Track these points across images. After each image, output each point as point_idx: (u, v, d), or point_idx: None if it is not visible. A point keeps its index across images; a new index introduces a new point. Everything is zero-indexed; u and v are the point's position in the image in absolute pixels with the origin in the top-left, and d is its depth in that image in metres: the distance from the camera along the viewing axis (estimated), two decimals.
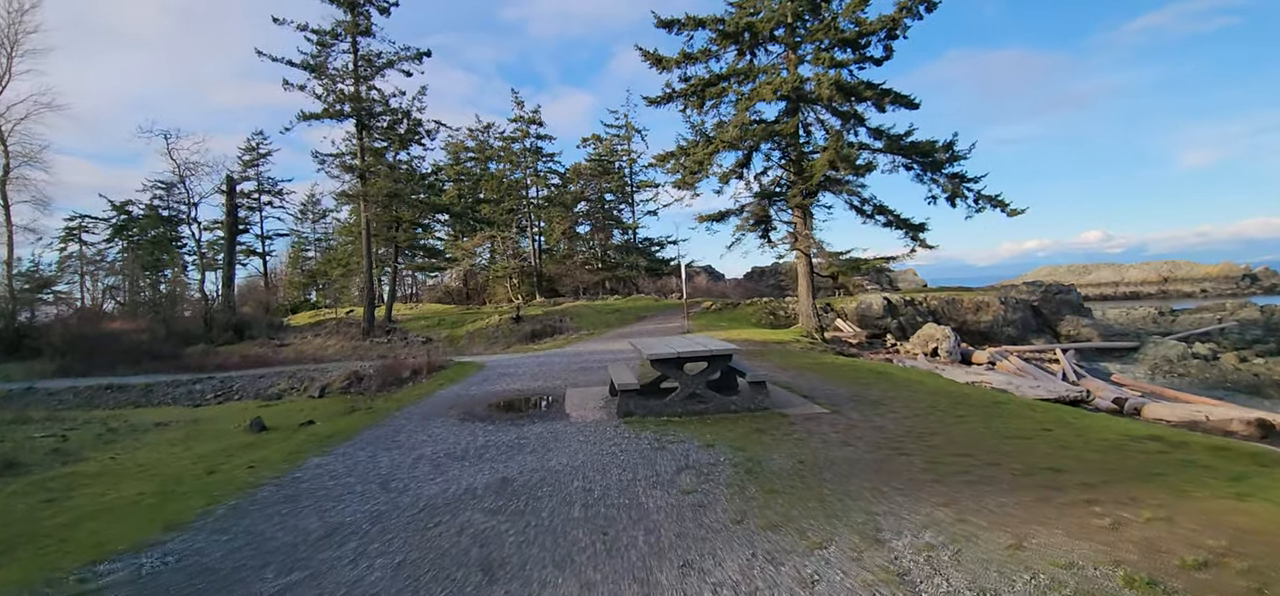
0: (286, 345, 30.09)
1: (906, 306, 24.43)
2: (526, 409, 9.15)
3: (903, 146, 20.52)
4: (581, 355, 16.28)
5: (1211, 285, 54.58)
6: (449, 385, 12.10)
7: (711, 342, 8.57)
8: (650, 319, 26.75)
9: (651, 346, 8.59)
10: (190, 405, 16.97)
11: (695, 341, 8.91)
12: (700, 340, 9.24)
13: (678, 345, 8.45)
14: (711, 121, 21.55)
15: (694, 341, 8.90)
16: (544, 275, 41.19)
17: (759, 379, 7.89)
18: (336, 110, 28.94)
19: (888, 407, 8.26)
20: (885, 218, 21.88)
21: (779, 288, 43.43)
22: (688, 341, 9.18)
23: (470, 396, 10.47)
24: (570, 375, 12.29)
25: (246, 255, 52.78)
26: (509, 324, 28.25)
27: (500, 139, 41.88)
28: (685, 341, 9.30)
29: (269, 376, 18.84)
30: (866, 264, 20.54)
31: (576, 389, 10.49)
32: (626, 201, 44.00)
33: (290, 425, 11.79)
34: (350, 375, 16.72)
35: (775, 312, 24.80)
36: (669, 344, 8.88)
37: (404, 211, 32.25)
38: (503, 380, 12.12)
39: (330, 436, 8.27)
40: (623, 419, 7.76)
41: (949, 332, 20.14)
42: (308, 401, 15.00)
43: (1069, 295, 25.20)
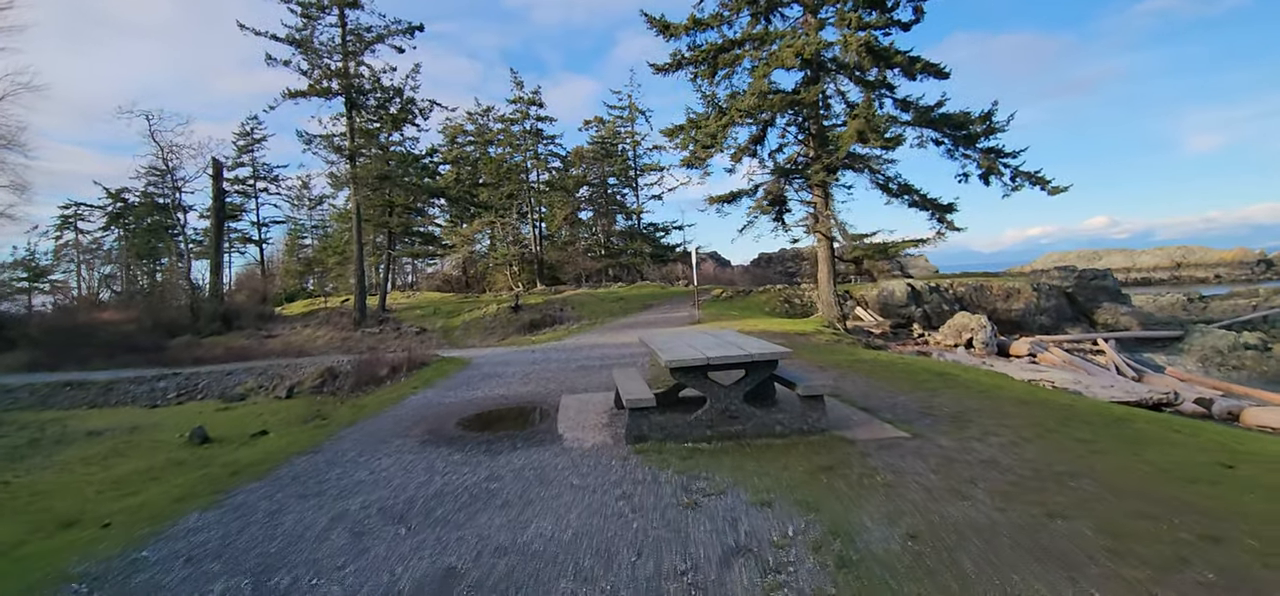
0: (274, 336, 28.08)
1: (931, 293, 22.27)
2: (509, 426, 7.04)
3: (933, 118, 18.29)
4: (582, 350, 14.17)
5: (1225, 270, 52.32)
6: (424, 388, 10.00)
7: (745, 341, 6.46)
8: (656, 307, 24.62)
9: (667, 345, 6.48)
10: (148, 405, 14.94)
11: (723, 339, 6.80)
12: (728, 337, 7.12)
13: (701, 344, 6.34)
14: (724, 93, 19.32)
15: (722, 339, 6.78)
16: (545, 262, 39.05)
17: (815, 393, 5.76)
18: (324, 88, 26.73)
19: (976, 425, 6.16)
20: (910, 197, 19.68)
21: (787, 274, 41.26)
22: (709, 338, 7.07)
23: (444, 405, 8.37)
24: (567, 376, 10.18)
25: (243, 243, 50.76)
26: (507, 313, 26.17)
27: (499, 121, 39.62)
28: (705, 337, 7.20)
29: (239, 373, 16.77)
30: (894, 247, 18.37)
31: (574, 396, 8.39)
32: (630, 186, 41.75)
33: (239, 436, 9.80)
34: (324, 372, 14.66)
35: (790, 300, 22.66)
36: (688, 341, 6.78)
37: (397, 195, 30.11)
38: (487, 383, 10.02)
39: (254, 464, 6.20)
40: (633, 446, 5.67)
41: (984, 322, 18.00)
42: (271, 404, 12.95)
43: (1105, 281, 23.02)
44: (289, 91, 26.79)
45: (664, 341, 6.88)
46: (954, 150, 19.13)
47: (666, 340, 6.98)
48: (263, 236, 48.57)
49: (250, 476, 5.52)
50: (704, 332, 8.14)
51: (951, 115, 18.31)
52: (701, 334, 7.95)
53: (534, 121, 38.83)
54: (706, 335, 7.63)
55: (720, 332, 7.73)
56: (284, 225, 48.96)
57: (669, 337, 7.36)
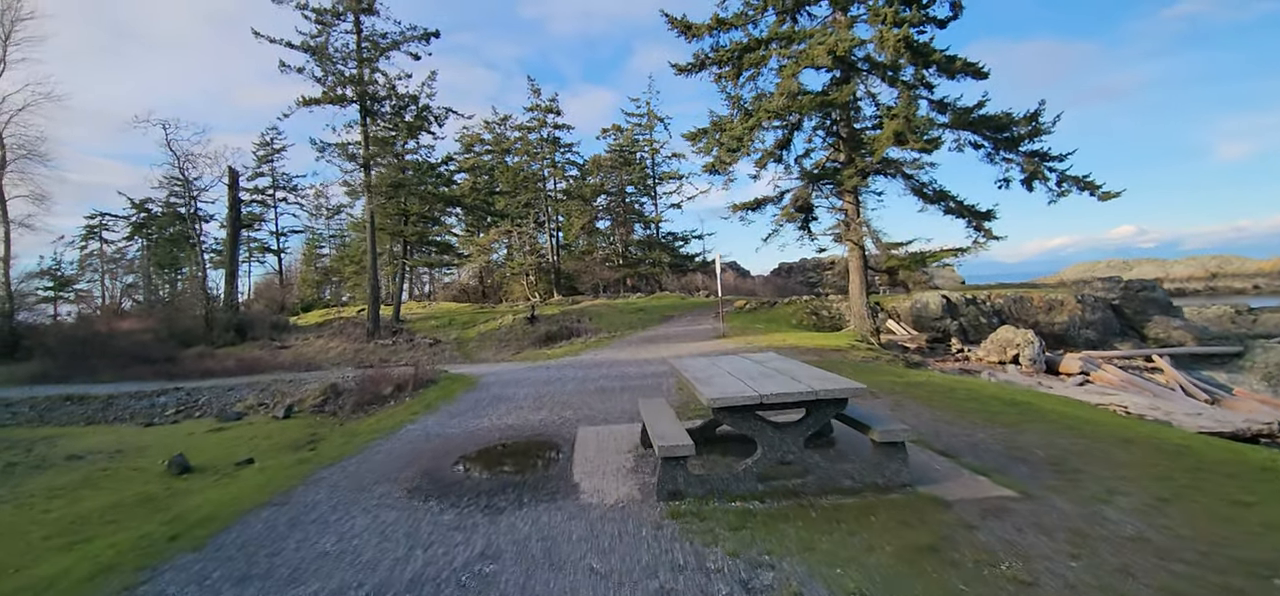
0: (287, 347, 27.24)
1: (968, 305, 20.85)
2: (515, 468, 5.88)
3: (973, 120, 16.96)
4: (600, 367, 13.00)
5: (1264, 281, 50.01)
6: (426, 413, 8.88)
7: (802, 371, 5.26)
8: (677, 319, 23.41)
9: (706, 375, 5.30)
10: (144, 422, 14.00)
11: (770, 366, 5.61)
12: (774, 362, 5.93)
13: (745, 373, 5.16)
14: (749, 95, 18.14)
15: (769, 367, 5.59)
16: (562, 272, 37.99)
17: (894, 439, 4.53)
18: (338, 95, 25.93)
19: (1089, 476, 4.90)
20: (946, 204, 18.33)
21: (809, 285, 39.81)
22: (750, 364, 5.91)
23: (444, 437, 7.23)
24: (585, 400, 9.01)
25: (262, 252, 50.35)
26: (523, 325, 25.09)
27: (516, 129, 38.69)
28: (745, 362, 6.04)
29: (242, 389, 15.81)
30: (932, 257, 17.02)
31: (592, 428, 7.21)
32: (648, 194, 40.62)
33: (222, 465, 8.78)
34: (327, 390, 13.63)
35: (818, 313, 21.34)
36: (728, 368, 5.61)
37: (412, 204, 29.24)
38: (495, 408, 8.87)
39: (209, 519, 5.10)
40: (667, 505, 4.48)
41: (1032, 337, 16.58)
42: (267, 424, 11.90)
43: (1154, 292, 21.45)
44: (304, 99, 26.02)
45: (700, 369, 5.69)
46: (994, 154, 17.78)
47: (703, 368, 5.79)
48: (281, 246, 48.14)
49: (190, 544, 4.40)
50: (741, 355, 6.94)
51: (993, 117, 16.97)
52: (738, 356, 6.75)
53: (551, 129, 37.89)
54: (743, 358, 6.44)
55: (763, 356, 6.53)
56: (302, 235, 48.48)
57: (704, 364, 6.17)
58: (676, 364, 6.21)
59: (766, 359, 6.33)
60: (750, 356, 6.69)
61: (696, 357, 6.81)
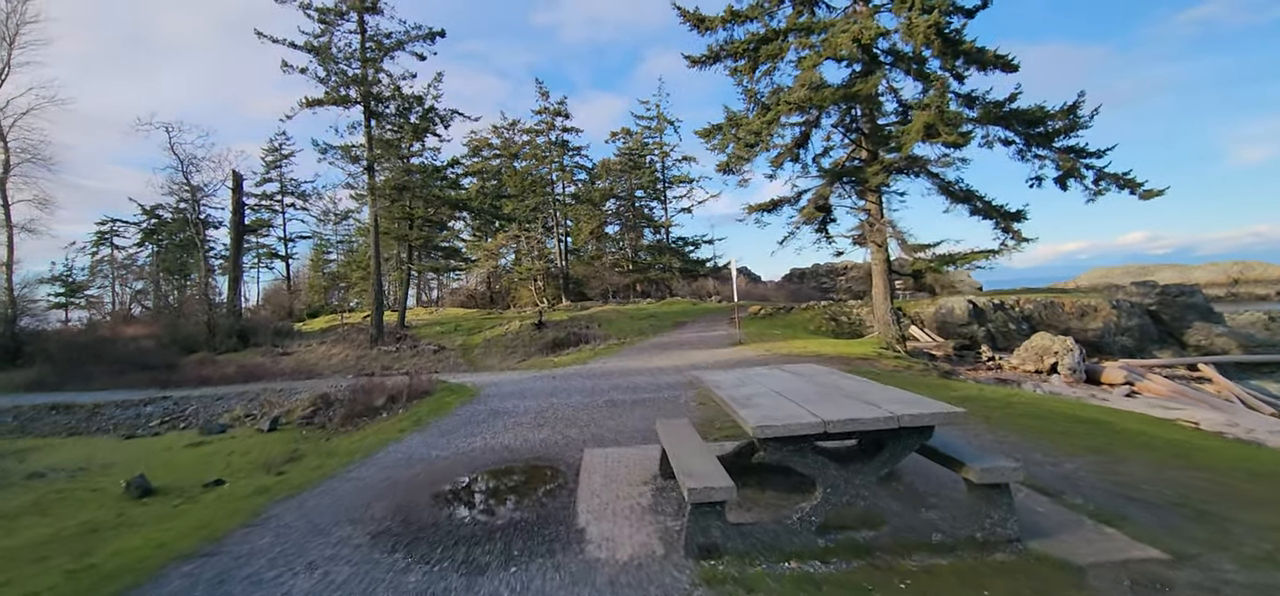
0: (289, 354, 26.31)
1: (996, 311, 19.60)
2: (507, 505, 4.79)
3: (1004, 114, 15.78)
4: (610, 377, 11.90)
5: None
6: (414, 430, 7.79)
7: (871, 390, 4.15)
8: (690, 325, 22.27)
9: (743, 394, 4.21)
10: (125, 434, 13.04)
11: (823, 383, 4.50)
12: (825, 377, 4.82)
13: (797, 393, 4.06)
14: (766, 89, 17.04)
15: (821, 383, 4.48)
16: (571, 277, 36.94)
17: (998, 479, 3.40)
18: (341, 96, 25.04)
19: (1238, 524, 3.76)
20: (972, 205, 17.12)
21: (822, 290, 38.63)
22: (793, 379, 4.82)
23: (428, 462, 6.14)
24: (592, 416, 7.90)
25: (270, 258, 49.62)
26: (530, 331, 24.03)
27: (525, 133, 37.72)
28: (787, 378, 4.94)
29: (231, 398, 14.85)
30: (961, 259, 15.82)
31: (601, 451, 6.10)
32: (658, 199, 39.49)
33: (187, 487, 7.76)
34: (318, 400, 12.61)
35: (837, 319, 20.16)
36: (771, 385, 4.51)
37: (418, 207, 28.29)
38: (492, 424, 7.78)
39: (130, 568, 4.05)
40: (698, 564, 3.37)
41: (1071, 344, 15.33)
42: (250, 438, 10.87)
43: (1194, 297, 20.12)
44: (306, 100, 25.14)
45: (734, 386, 4.57)
46: (1026, 150, 16.58)
47: (736, 384, 4.68)
48: (289, 251, 47.38)
49: None
50: (775, 367, 5.84)
51: (1026, 110, 15.78)
52: (772, 369, 5.65)
53: (560, 132, 36.89)
54: (781, 371, 5.33)
55: (805, 369, 5.42)
56: (310, 240, 47.74)
57: (735, 378, 5.06)
58: (703, 378, 5.09)
59: (810, 372, 5.21)
60: (787, 368, 5.58)
61: (724, 370, 5.69)
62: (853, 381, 4.49)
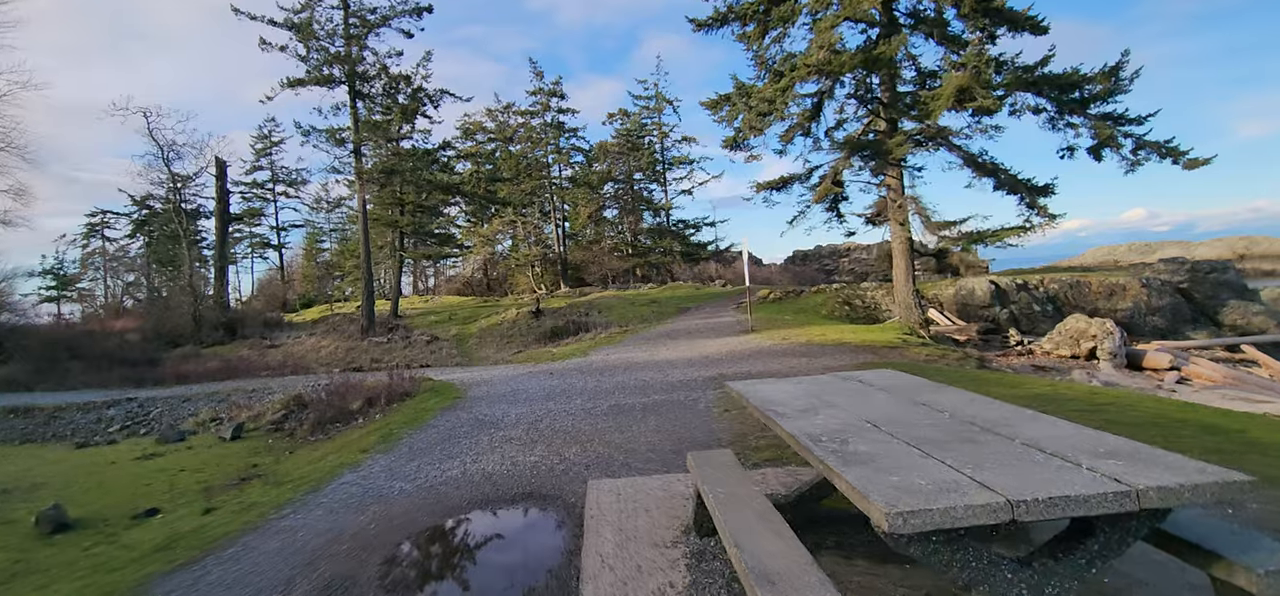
0: (277, 346, 24.87)
1: (1019, 292, 18.21)
2: (476, 581, 3.37)
3: (1035, 79, 14.29)
4: (614, 371, 10.49)
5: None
6: (378, 450, 6.35)
7: (1037, 427, 2.68)
8: (694, 311, 20.85)
9: (836, 441, 2.79)
10: (77, 443, 11.57)
11: (932, 409, 3.07)
12: (925, 395, 3.40)
13: (915, 432, 2.66)
14: (775, 57, 15.50)
15: (926, 408, 3.05)
16: (569, 263, 35.42)
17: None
18: (325, 75, 23.42)
19: None
20: (996, 178, 15.67)
21: (826, 272, 37.18)
22: (899, 407, 3.39)
23: (384, 501, 4.71)
24: (597, 427, 6.47)
25: (262, 247, 48.01)
26: (527, 319, 22.61)
27: (520, 114, 36.01)
28: (888, 405, 3.55)
29: (199, 400, 13.41)
30: (991, 237, 14.37)
31: (610, 484, 4.67)
32: (658, 181, 37.85)
33: (114, 519, 6.34)
34: (291, 401, 11.16)
35: (851, 302, 18.74)
36: (864, 416, 3.12)
37: (408, 192, 26.70)
38: (473, 440, 6.34)
39: None
40: None
41: (1110, 327, 13.93)
42: (208, 449, 9.43)
43: (1227, 274, 18.74)
44: (288, 80, 23.54)
45: (802, 413, 3.14)
46: (1058, 118, 15.10)
47: (806, 409, 3.25)
48: (282, 241, 45.80)
49: None
50: (848, 379, 4.42)
51: (1059, 75, 14.28)
52: (842, 381, 4.26)
53: (555, 114, 35.17)
54: (860, 385, 3.92)
55: (880, 377, 4.01)
56: (302, 229, 46.15)
57: (798, 397, 3.62)
58: (749, 396, 3.65)
59: (896, 384, 3.79)
60: (860, 379, 4.15)
61: (773, 381, 4.24)
62: (980, 403, 3.06)
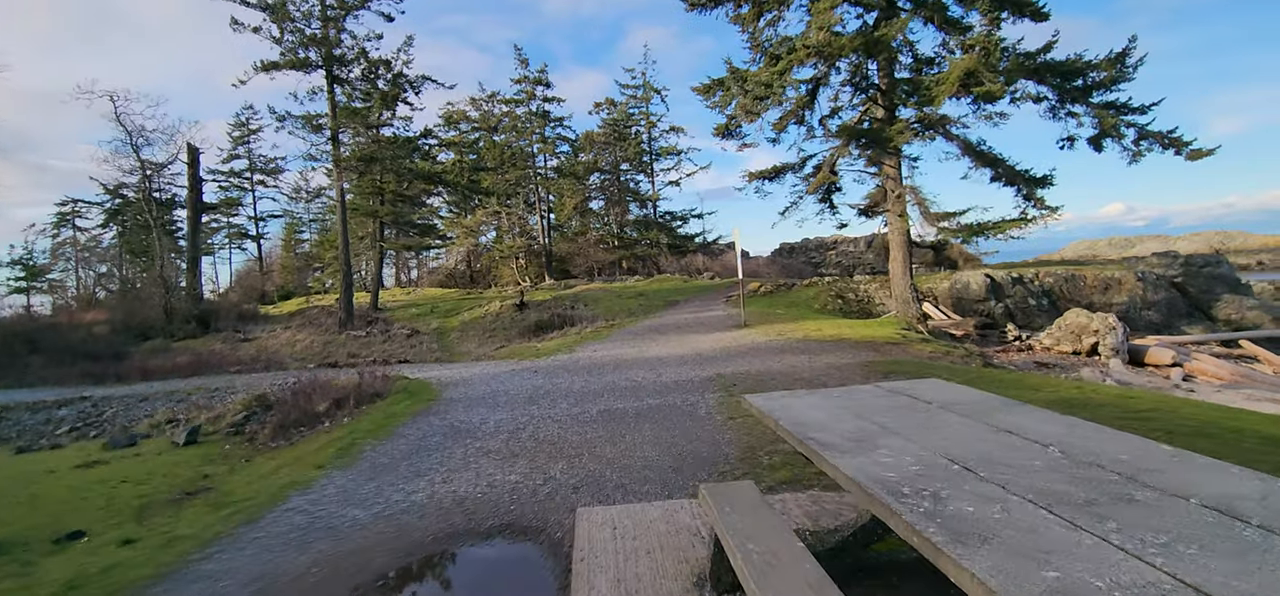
0: (251, 340, 23.80)
1: (1015, 286, 17.70)
2: None
3: (1038, 66, 13.70)
4: (603, 369, 9.73)
5: (1268, 256, 47.53)
6: (335, 465, 5.53)
7: (1173, 471, 1.93)
8: (683, 304, 20.14)
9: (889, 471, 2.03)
10: (19, 447, 10.57)
11: (1023, 436, 2.31)
12: (1018, 418, 2.64)
13: (979, 466, 1.96)
14: (769, 40, 14.76)
15: (1016, 433, 2.30)
16: (553, 255, 34.52)
17: None
18: (300, 58, 22.28)
19: None
20: (994, 170, 15.10)
21: (812, 265, 36.62)
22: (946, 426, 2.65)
23: (333, 535, 3.92)
24: (586, 436, 5.72)
25: (241, 238, 46.50)
26: (511, 312, 21.75)
27: (504, 103, 34.93)
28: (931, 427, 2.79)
29: (157, 399, 12.45)
30: (993, 228, 13.78)
31: (603, 513, 3.92)
32: (644, 172, 36.99)
33: (31, 545, 5.47)
34: (253, 402, 10.26)
35: (844, 296, 18.11)
36: (924, 446, 2.40)
37: (388, 180, 25.66)
38: (446, 453, 5.56)
39: None
40: None
41: (1114, 322, 13.43)
42: (158, 456, 8.53)
43: (1220, 268, 18.40)
44: (262, 64, 22.38)
45: (857, 447, 2.41)
46: (1059, 107, 14.56)
47: (859, 444, 2.51)
48: (260, 231, 44.37)
49: None
50: (897, 394, 3.78)
51: (1061, 62, 13.72)
52: (889, 394, 3.66)
53: (540, 102, 34.12)
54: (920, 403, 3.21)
55: (953, 394, 3.31)
56: (281, 219, 44.76)
57: (843, 419, 2.90)
58: (782, 418, 2.91)
59: (972, 403, 3.07)
60: (908, 389, 3.44)
61: (805, 396, 3.48)
62: (1084, 431, 2.34)
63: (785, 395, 3.36)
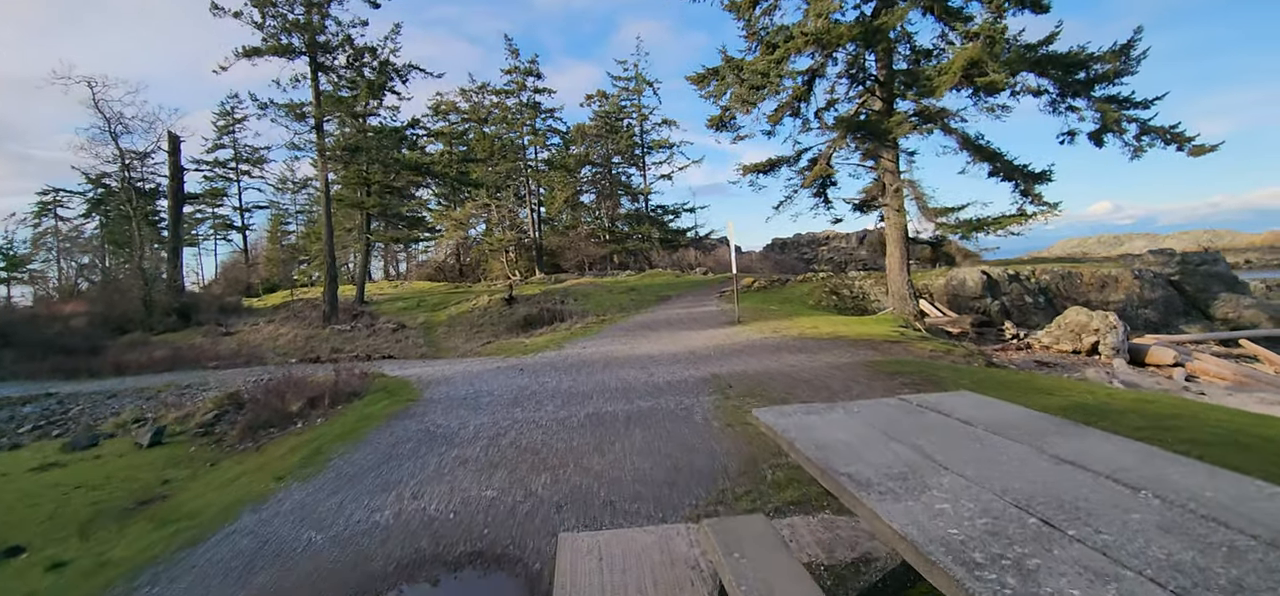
0: (232, 333, 23.12)
1: (1011, 282, 17.38)
2: None
3: (1040, 58, 13.31)
4: (592, 369, 9.27)
5: (1256, 255, 47.76)
6: (293, 479, 5.01)
7: None
8: (675, 300, 19.69)
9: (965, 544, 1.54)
10: None
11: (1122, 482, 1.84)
12: (1114, 454, 2.18)
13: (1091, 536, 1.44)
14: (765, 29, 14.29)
15: (1115, 477, 1.83)
16: (544, 248, 33.96)
17: None
18: (283, 45, 21.59)
19: None
20: (992, 165, 14.74)
21: (805, 261, 36.30)
22: (1028, 466, 2.14)
23: (284, 563, 3.45)
24: (572, 444, 5.26)
25: (226, 229, 45.60)
26: (499, 306, 21.24)
27: (494, 94, 34.25)
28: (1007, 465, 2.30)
29: (126, 396, 11.87)
30: (993, 224, 13.41)
31: (588, 540, 3.45)
32: (636, 165, 36.45)
33: None
34: (225, 401, 9.72)
35: (838, 292, 17.75)
36: (1019, 485, 1.90)
37: (375, 171, 25.02)
38: (419, 462, 5.08)
39: None
40: None
41: (1114, 321, 13.11)
42: (120, 458, 8.00)
43: (1217, 266, 18.15)
44: (244, 49, 21.68)
45: (903, 489, 1.96)
46: (1060, 100, 14.18)
47: (907, 483, 2.05)
48: (245, 222, 43.50)
49: None
50: (924, 407, 3.75)
51: (1064, 54, 13.33)
52: (940, 422, 3.69)
53: (531, 93, 33.50)
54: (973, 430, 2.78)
55: (971, 404, 2.87)
56: (267, 210, 43.90)
57: (878, 437, 2.45)
58: (807, 447, 2.45)
59: (1023, 425, 2.63)
60: (940, 406, 3.00)
61: (824, 413, 3.01)
62: (1163, 462, 1.91)
63: (800, 411, 2.91)
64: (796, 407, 2.99)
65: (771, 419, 2.79)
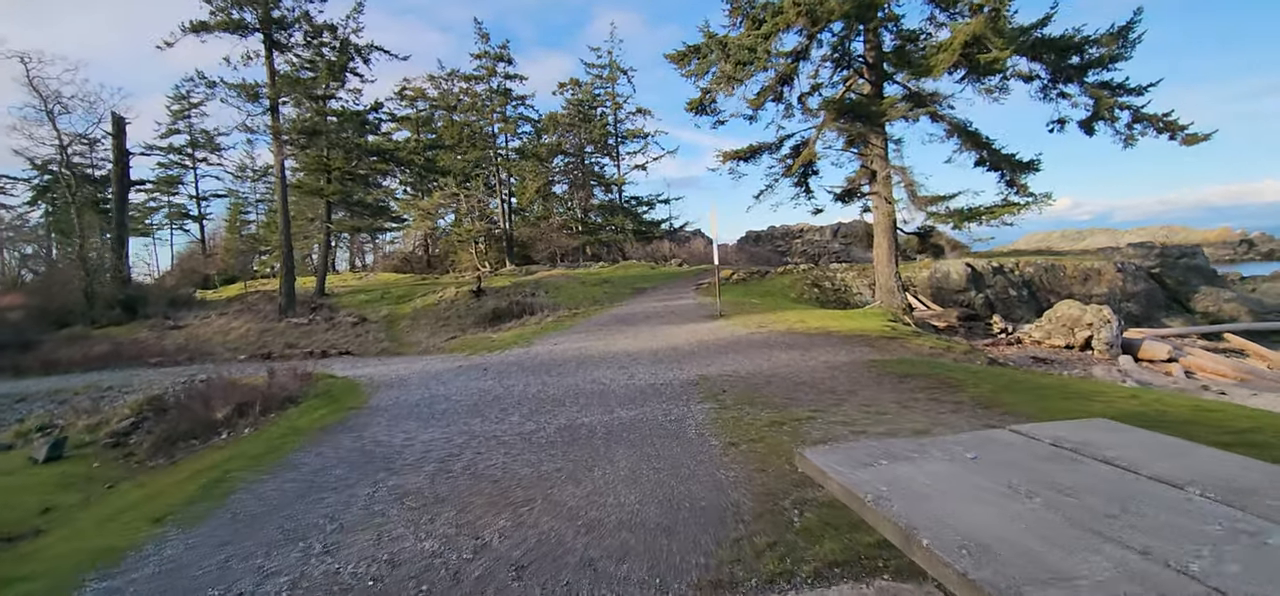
0: (180, 327, 21.41)
1: (995, 275, 16.79)
2: None
3: (1033, 42, 12.60)
4: (563, 370, 8.21)
5: (1210, 251, 48.67)
6: (175, 520, 3.89)
7: None
8: (650, 292, 18.69)
9: None
10: None
11: None
12: None
13: None
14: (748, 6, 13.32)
15: None
16: (515, 239, 32.63)
17: None
18: (234, 20, 19.94)
19: None
20: (981, 152, 14.05)
21: (778, 253, 35.59)
22: None
23: None
24: (541, 468, 4.21)
25: (182, 218, 43.14)
26: (467, 299, 19.99)
27: (463, 80, 32.71)
28: None
29: (38, 399, 10.42)
30: (985, 214, 12.69)
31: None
32: (610, 155, 35.26)
33: None
34: (145, 405, 8.42)
35: (820, 284, 16.96)
36: None
37: (335, 156, 23.44)
38: (352, 490, 3.98)
39: None
40: None
41: (1108, 315, 12.49)
42: (10, 476, 6.70)
43: (1196, 259, 17.84)
44: (191, 24, 19.99)
45: None
46: (1051, 86, 13.56)
47: None
48: (202, 212, 41.14)
49: None
50: (1080, 456, 3.27)
51: (1058, 38, 12.66)
52: (1108, 474, 3.36)
53: (501, 80, 32.05)
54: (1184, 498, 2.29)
55: (1124, 439, 1.92)
56: (226, 199, 41.60)
57: (1025, 513, 1.44)
58: (932, 540, 1.44)
59: (1228, 482, 1.66)
60: (1093, 447, 2.04)
61: (916, 461, 2.03)
62: None
63: (876, 451, 1.91)
64: (869, 446, 1.99)
65: (841, 469, 1.78)
